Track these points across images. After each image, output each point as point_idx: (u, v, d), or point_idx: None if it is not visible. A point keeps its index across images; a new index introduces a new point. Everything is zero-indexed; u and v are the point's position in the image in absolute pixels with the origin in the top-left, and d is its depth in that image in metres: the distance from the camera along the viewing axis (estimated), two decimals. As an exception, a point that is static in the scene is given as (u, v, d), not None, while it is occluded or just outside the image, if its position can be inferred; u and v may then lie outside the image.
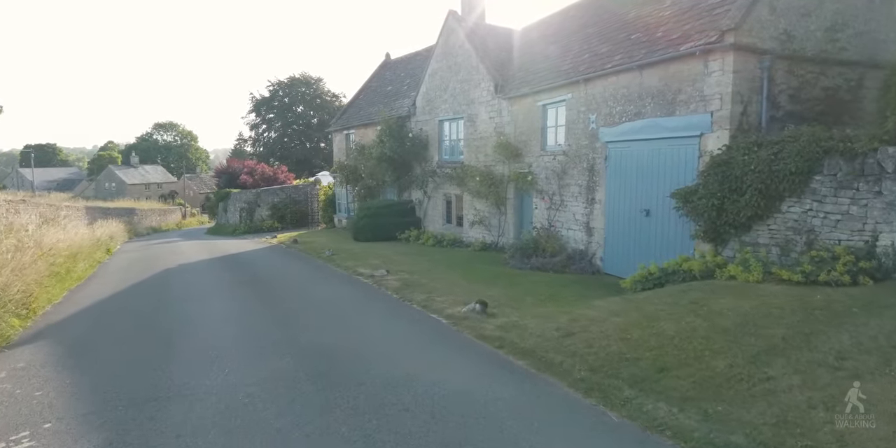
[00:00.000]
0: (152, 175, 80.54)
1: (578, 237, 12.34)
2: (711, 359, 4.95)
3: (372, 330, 7.07)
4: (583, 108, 12.01)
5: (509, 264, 12.41)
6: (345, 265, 13.17)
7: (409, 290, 9.68)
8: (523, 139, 14.25)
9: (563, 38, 14.72)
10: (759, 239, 8.16)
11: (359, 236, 19.16)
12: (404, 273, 11.59)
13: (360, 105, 24.91)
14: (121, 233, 28.27)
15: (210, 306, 8.93)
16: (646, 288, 8.62)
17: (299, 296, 9.66)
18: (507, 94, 14.60)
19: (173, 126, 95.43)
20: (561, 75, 12.68)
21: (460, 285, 9.99)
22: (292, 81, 57.86)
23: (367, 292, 9.87)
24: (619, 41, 11.74)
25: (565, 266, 11.77)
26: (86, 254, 15.44)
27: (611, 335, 5.91)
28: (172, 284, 11.55)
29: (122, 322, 8.11)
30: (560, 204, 12.86)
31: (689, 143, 9.36)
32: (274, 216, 29.26)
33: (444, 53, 17.57)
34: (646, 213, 10.34)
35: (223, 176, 39.51)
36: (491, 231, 15.74)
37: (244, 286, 10.99)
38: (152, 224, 43.47)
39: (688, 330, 5.66)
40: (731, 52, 8.50)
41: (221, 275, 12.68)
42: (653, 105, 10.13)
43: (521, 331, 6.54)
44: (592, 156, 11.78)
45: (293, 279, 11.77)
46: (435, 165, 18.22)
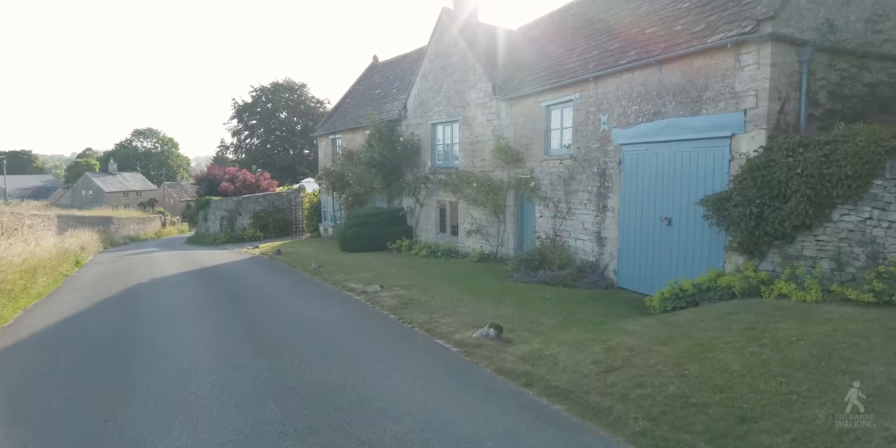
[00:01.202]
0: (131, 183, 78.41)
1: (588, 248, 11.39)
2: (803, 405, 3.98)
3: (371, 362, 6.00)
4: (593, 109, 11.10)
5: (513, 277, 11.41)
6: (333, 279, 12.06)
7: (408, 309, 8.63)
8: (524, 143, 13.32)
9: (566, 35, 13.86)
10: (804, 251, 7.26)
11: (347, 246, 18.05)
12: (400, 288, 10.53)
13: (347, 109, 23.85)
14: (94, 243, 26.89)
15: (182, 331, 7.79)
16: (678, 307, 7.67)
17: (284, 317, 8.55)
18: (506, 94, 13.67)
19: (153, 133, 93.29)
20: (567, 74, 11.78)
21: (464, 303, 8.97)
22: (276, 87, 56.61)
23: (361, 312, 8.79)
24: (631, 36, 10.87)
25: (575, 279, 10.80)
26: (49, 267, 14.17)
27: (663, 370, 4.92)
28: (142, 303, 10.36)
29: (76, 352, 6.93)
30: (567, 212, 11.91)
31: (718, 145, 8.47)
32: (256, 225, 27.98)
33: (437, 53, 16.62)
34: (667, 222, 9.42)
35: (203, 183, 38.10)
36: (489, 241, 14.75)
37: (222, 305, 9.85)
38: (130, 233, 41.92)
39: (757, 364, 4.69)
40: (768, 43, 7.64)
41: (197, 291, 11.50)
42: (674, 104, 9.24)
43: (549, 364, 5.52)
44: (604, 160, 10.86)
45: (277, 296, 10.64)
46: (428, 171, 17.21)
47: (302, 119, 57.07)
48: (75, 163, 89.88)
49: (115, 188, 74.34)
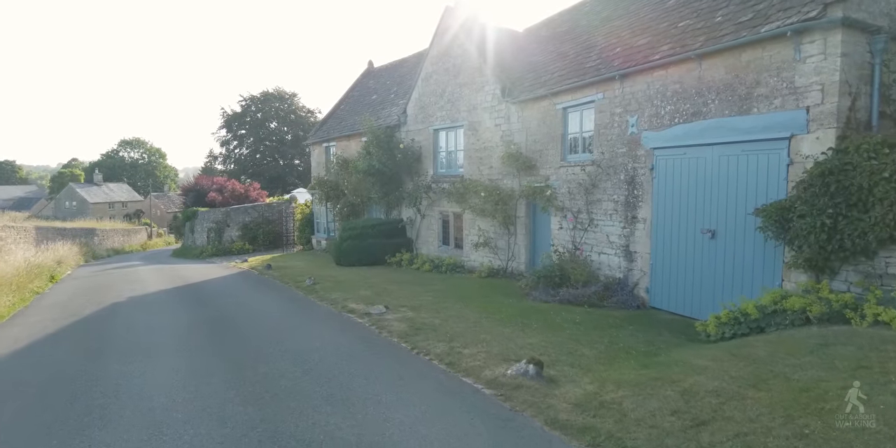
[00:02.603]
0: (117, 193, 76.62)
1: (614, 263, 10.32)
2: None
3: (388, 411, 4.85)
4: (618, 110, 10.10)
5: (531, 296, 10.31)
6: (331, 298, 10.89)
7: (421, 335, 7.48)
8: (538, 148, 12.29)
9: (582, 34, 12.91)
10: (888, 269, 6.22)
11: (342, 260, 16.87)
12: (407, 309, 9.39)
13: (342, 115, 22.78)
14: (74, 256, 25.50)
15: (157, 367, 6.58)
16: (738, 333, 6.59)
17: (278, 347, 7.36)
18: (516, 97, 12.66)
19: (141, 143, 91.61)
20: (587, 72, 10.79)
21: (485, 328, 7.84)
22: (265, 96, 55.44)
23: (367, 340, 7.61)
24: (661, 31, 9.91)
25: (602, 298, 9.72)
26: (17, 284, 12.89)
27: (772, 427, 3.82)
28: (114, 328, 9.12)
29: (24, 397, 5.71)
30: (589, 223, 10.85)
31: (773, 148, 7.46)
32: (245, 237, 26.68)
33: (439, 55, 15.62)
34: (710, 235, 8.37)
35: (190, 193, 36.67)
36: (498, 254, 13.65)
37: (206, 331, 8.65)
38: (114, 245, 40.43)
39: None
40: (838, 29, 6.66)
41: (178, 313, 10.27)
42: (718, 102, 8.24)
43: (616, 414, 4.40)
44: (633, 165, 9.83)
45: (268, 320, 9.43)
46: (430, 180, 16.13)
47: (292, 129, 55.90)
48: (59, 173, 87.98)
49: (100, 199, 72.54)
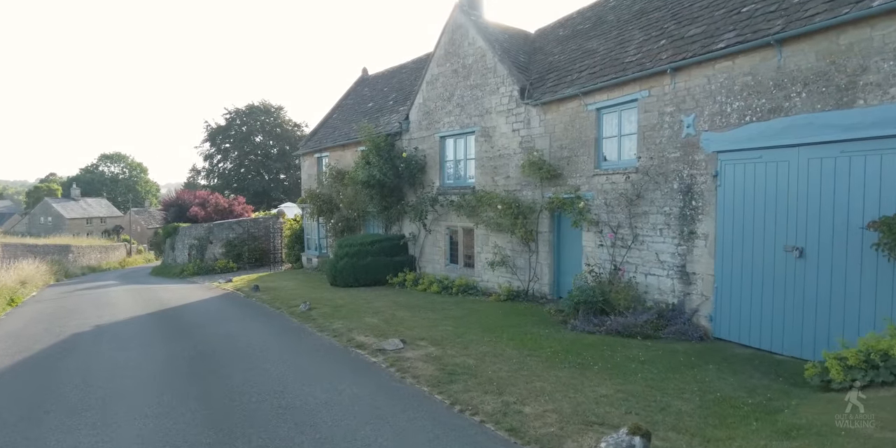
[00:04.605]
0: (95, 209, 74.00)
1: (666, 286, 8.86)
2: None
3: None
4: (669, 109, 8.73)
5: (570, 325, 8.78)
6: (333, 328, 9.27)
7: (458, 383, 5.90)
8: (565, 155, 10.88)
9: (611, 29, 11.61)
10: None
11: (338, 281, 15.24)
12: (428, 343, 7.81)
13: (335, 124, 21.28)
14: (42, 275, 23.55)
15: (115, 436, 4.93)
16: (877, 381, 5.11)
17: (277, 402, 5.72)
18: (538, 99, 11.28)
19: (121, 157, 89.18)
20: (629, 68, 9.43)
21: (534, 371, 6.29)
22: (251, 109, 53.93)
23: (389, 390, 5.99)
24: (717, 18, 8.61)
25: (657, 328, 8.22)
26: (-36, 311, 11.13)
27: None
28: (70, 370, 7.40)
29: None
30: (632, 239, 9.40)
31: (887, 147, 6.09)
32: (229, 254, 24.86)
33: (447, 55, 14.25)
34: (797, 254, 6.95)
35: (171, 208, 34.82)
36: (517, 274, 12.14)
37: (184, 375, 6.97)
38: (90, 263, 38.31)
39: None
40: (983, -3, 5.36)
41: (151, 348, 8.56)
42: (806, 95, 6.88)
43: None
44: (689, 172, 8.43)
45: (260, 359, 7.75)
46: (435, 192, 14.63)
47: (278, 143, 54.36)
48: (36, 188, 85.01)
49: (77, 214, 69.91)
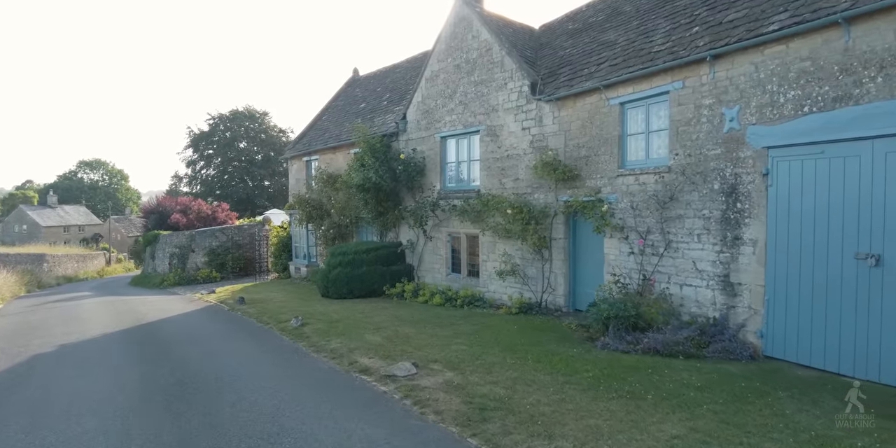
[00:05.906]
0: (73, 216, 71.85)
1: (706, 298, 7.92)
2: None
3: None
4: (708, 101, 7.84)
5: (599, 342, 7.79)
6: (330, 348, 8.19)
7: (494, 422, 4.87)
8: (582, 155, 9.96)
9: (630, 20, 10.75)
10: None
11: (331, 292, 14.12)
12: (442, 366, 6.78)
13: (325, 126, 20.22)
14: (11, 286, 22.19)
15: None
16: None
17: (268, 440, 4.66)
18: (552, 94, 10.36)
19: (101, 164, 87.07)
20: (658, 57, 8.55)
21: (580, 404, 5.28)
22: (235, 115, 52.61)
23: (411, 431, 4.92)
24: (759, 2, 7.75)
25: (699, 346, 7.27)
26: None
27: None
28: (20, 404, 6.22)
29: None
30: (665, 246, 8.47)
31: None
32: (212, 263, 23.56)
33: (449, 49, 13.31)
34: (873, 262, 6.04)
35: (152, 216, 33.29)
36: (528, 285, 11.15)
37: (157, 409, 5.84)
38: (66, 272, 36.73)
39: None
40: None
41: (121, 374, 7.39)
42: (882, 79, 6.01)
43: None
44: (733, 171, 7.53)
45: (251, 389, 6.62)
46: (436, 196, 13.62)
47: (263, 149, 53.10)
48: (11, 195, 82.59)
49: (54, 222, 67.82)
